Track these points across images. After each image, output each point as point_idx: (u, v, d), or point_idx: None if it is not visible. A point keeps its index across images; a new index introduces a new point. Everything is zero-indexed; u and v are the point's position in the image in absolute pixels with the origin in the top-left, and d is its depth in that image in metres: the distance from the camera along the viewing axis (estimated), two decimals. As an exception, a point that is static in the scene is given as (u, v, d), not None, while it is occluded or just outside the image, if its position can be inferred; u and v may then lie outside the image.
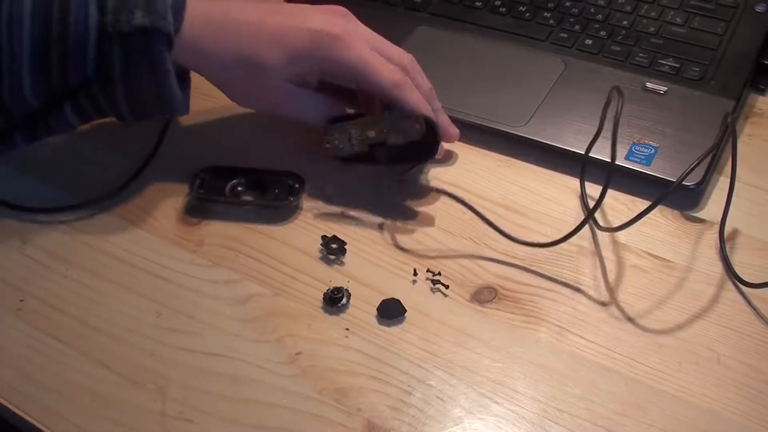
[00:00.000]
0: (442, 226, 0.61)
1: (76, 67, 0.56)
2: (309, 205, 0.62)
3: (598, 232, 0.60)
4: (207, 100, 0.66)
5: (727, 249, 0.58)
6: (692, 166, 0.55)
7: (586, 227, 0.60)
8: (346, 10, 0.61)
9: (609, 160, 0.62)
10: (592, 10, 0.77)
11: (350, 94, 0.65)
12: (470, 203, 0.59)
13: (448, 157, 0.66)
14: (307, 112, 0.63)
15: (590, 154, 0.60)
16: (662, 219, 0.61)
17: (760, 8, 0.76)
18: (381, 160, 0.61)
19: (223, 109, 0.67)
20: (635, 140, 0.64)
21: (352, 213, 0.62)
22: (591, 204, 0.62)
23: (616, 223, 0.60)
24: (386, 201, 0.63)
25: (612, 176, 0.53)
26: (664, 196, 0.54)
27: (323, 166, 0.64)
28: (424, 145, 0.60)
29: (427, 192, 0.63)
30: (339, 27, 0.59)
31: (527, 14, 0.77)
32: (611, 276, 0.57)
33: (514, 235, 0.58)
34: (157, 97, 0.58)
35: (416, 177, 0.64)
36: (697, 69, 0.70)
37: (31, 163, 0.65)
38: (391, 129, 0.59)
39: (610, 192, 0.63)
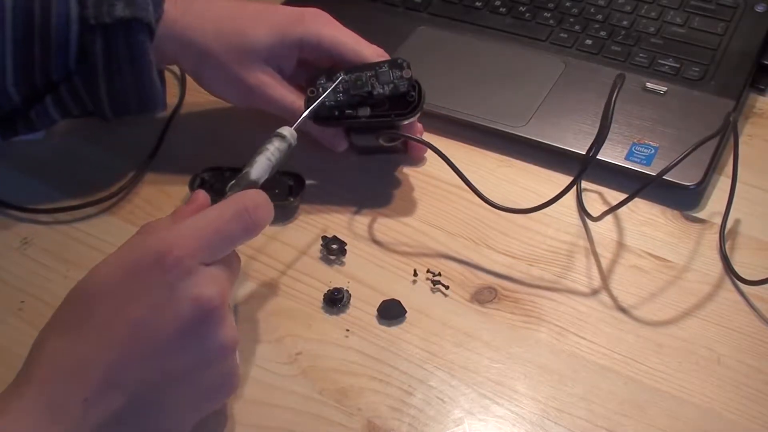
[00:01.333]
0: (442, 227, 0.61)
1: (58, 60, 0.56)
2: (309, 205, 0.62)
3: (598, 233, 0.60)
4: (207, 99, 0.66)
5: (727, 249, 0.58)
6: (680, 158, 0.55)
7: (581, 227, 0.60)
8: None
9: (609, 160, 0.63)
10: (592, 10, 0.77)
11: None
12: (449, 159, 0.59)
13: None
14: (285, 96, 0.62)
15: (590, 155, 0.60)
16: (662, 219, 0.61)
17: (760, 8, 0.76)
18: (360, 120, 0.60)
19: (223, 109, 0.67)
20: (635, 140, 0.64)
21: (353, 213, 0.62)
22: (585, 202, 0.62)
23: (616, 223, 0.60)
24: (387, 201, 0.63)
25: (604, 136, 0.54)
26: (647, 184, 0.56)
27: (323, 166, 0.64)
28: (407, 104, 0.59)
29: (427, 192, 0.63)
30: (319, 10, 0.62)
31: (527, 14, 0.77)
32: (611, 276, 0.57)
33: (500, 204, 0.58)
34: (137, 88, 0.58)
35: (416, 177, 0.64)
36: (697, 69, 0.70)
37: (31, 163, 0.65)
38: (379, 79, 0.59)
39: (610, 192, 0.63)
